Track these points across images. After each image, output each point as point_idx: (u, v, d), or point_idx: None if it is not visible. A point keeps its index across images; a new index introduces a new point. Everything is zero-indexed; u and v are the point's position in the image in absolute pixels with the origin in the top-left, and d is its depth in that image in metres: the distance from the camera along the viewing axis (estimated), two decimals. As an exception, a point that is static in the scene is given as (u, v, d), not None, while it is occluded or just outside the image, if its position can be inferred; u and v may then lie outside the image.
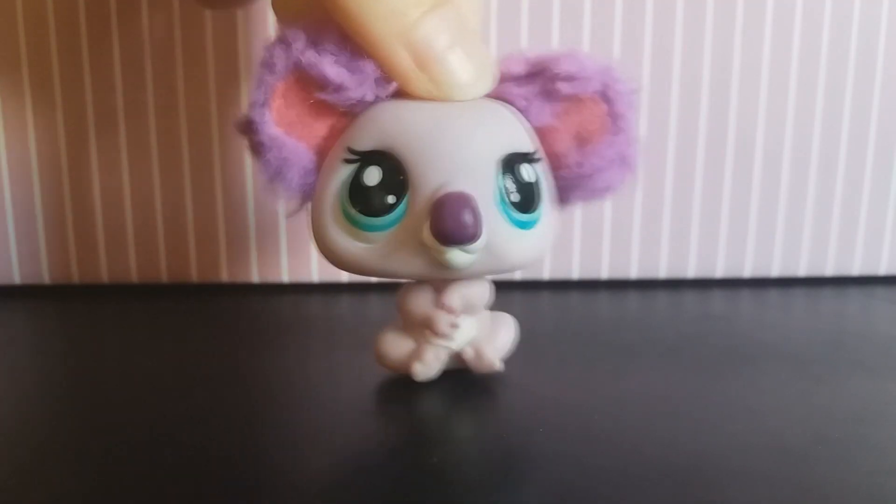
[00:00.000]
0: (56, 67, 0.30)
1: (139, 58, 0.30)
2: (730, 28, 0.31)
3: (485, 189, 0.18)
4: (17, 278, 0.31)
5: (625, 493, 0.15)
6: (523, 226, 0.19)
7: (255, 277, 0.32)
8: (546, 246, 0.20)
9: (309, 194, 0.19)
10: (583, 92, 0.19)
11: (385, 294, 0.31)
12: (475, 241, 0.17)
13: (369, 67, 0.18)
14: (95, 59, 0.30)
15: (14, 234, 0.31)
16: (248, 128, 0.18)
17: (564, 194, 0.20)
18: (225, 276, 0.32)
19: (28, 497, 0.15)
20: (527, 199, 0.19)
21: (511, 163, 0.18)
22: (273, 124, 0.18)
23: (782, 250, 0.33)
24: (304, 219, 0.20)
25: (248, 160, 0.30)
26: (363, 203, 0.18)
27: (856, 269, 0.33)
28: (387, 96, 0.19)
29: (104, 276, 0.31)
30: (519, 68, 0.19)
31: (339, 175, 0.18)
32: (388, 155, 0.18)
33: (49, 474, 0.16)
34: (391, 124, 0.18)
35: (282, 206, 0.19)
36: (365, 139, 0.18)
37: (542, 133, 0.20)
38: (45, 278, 0.31)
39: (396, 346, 0.20)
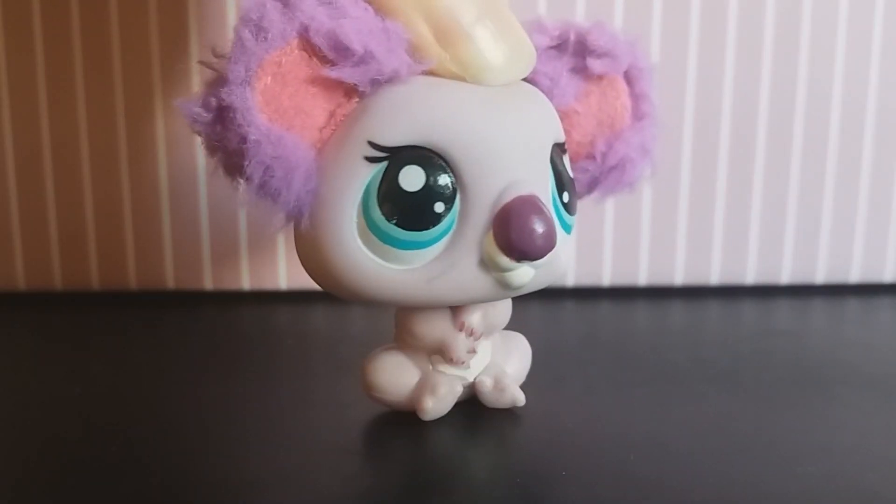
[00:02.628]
0: (79, 72, 0.30)
1: (143, 57, 0.30)
2: (759, 33, 0.31)
3: (545, 188, 0.18)
4: (22, 284, 0.32)
5: (669, 551, 0.15)
6: (568, 229, 0.19)
7: (210, 284, 0.32)
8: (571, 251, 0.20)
9: (306, 206, 0.17)
10: (614, 71, 0.20)
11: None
12: (549, 254, 0.17)
13: (399, 30, 0.17)
14: (92, 58, 0.30)
15: (21, 240, 0.32)
16: (221, 116, 0.16)
17: (588, 189, 0.21)
18: (172, 284, 0.32)
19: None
20: (572, 199, 0.19)
21: (557, 156, 0.19)
22: (259, 111, 0.16)
23: (863, 251, 0.33)
24: (270, 223, 0.18)
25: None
26: (400, 214, 0.17)
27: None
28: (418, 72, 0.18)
29: (94, 283, 0.32)
30: (542, 40, 0.20)
31: (355, 178, 0.17)
32: (431, 151, 0.17)
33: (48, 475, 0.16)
34: (431, 112, 0.17)
35: (262, 218, 0.18)
36: (394, 131, 0.17)
37: (560, 118, 0.20)
38: (58, 284, 0.32)
39: (396, 375, 0.20)
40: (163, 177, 0.31)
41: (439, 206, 0.17)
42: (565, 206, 0.19)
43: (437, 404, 0.20)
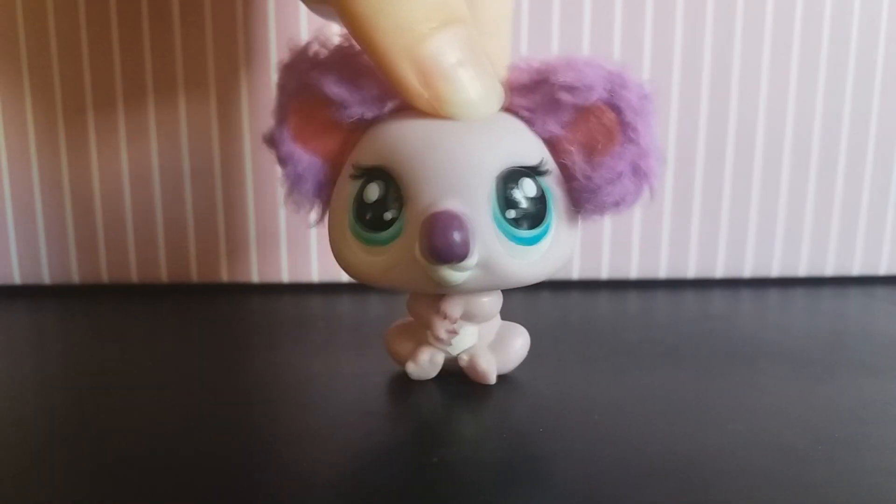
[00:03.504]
0: (56, 66, 0.30)
1: (139, 57, 0.30)
2: (730, 27, 0.31)
3: (479, 205, 0.17)
4: (17, 278, 0.31)
5: (625, 492, 0.15)
6: (525, 242, 0.18)
7: (255, 277, 0.32)
8: (557, 261, 0.19)
9: (326, 205, 0.20)
10: (585, 102, 0.18)
11: (385, 294, 0.31)
12: (465, 260, 0.17)
13: (368, 85, 0.18)
14: (95, 59, 0.30)
15: (14, 233, 0.31)
16: (271, 143, 0.20)
17: (578, 207, 0.19)
18: (225, 276, 0.32)
19: (26, 498, 0.15)
20: (529, 215, 0.18)
21: (512, 177, 0.18)
22: (290, 140, 0.19)
23: (782, 250, 0.33)
24: (304, 219, 0.20)
25: (248, 161, 0.31)
26: (366, 218, 0.18)
27: (856, 269, 0.33)
28: (390, 112, 0.18)
29: (104, 276, 0.32)
30: (522, 78, 0.19)
31: (348, 189, 0.19)
32: (387, 171, 0.18)
33: (48, 475, 0.16)
34: (389, 141, 0.18)
35: (301, 214, 0.20)
36: (368, 155, 0.18)
37: (550, 144, 0.19)
38: (45, 278, 0.32)
39: (401, 342, 0.21)
40: (218, 195, 0.31)
41: (389, 214, 0.18)
42: (512, 221, 0.18)
43: (417, 369, 0.21)
